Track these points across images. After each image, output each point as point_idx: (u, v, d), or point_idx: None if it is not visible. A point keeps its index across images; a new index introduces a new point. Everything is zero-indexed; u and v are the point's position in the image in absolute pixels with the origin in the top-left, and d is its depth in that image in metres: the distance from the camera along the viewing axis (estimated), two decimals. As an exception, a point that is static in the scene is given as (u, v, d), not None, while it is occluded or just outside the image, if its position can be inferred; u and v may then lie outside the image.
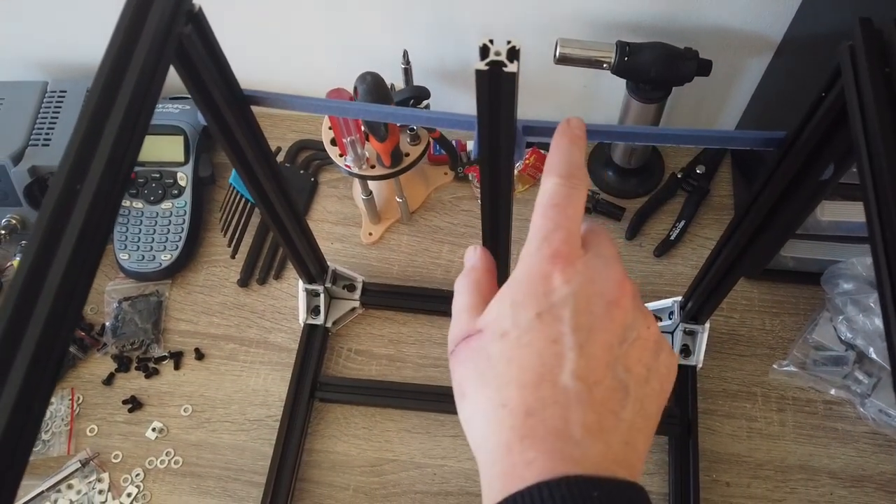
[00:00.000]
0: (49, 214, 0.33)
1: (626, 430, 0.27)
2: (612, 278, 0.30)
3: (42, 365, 0.30)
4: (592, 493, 0.24)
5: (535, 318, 0.28)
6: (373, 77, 0.67)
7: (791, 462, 0.73)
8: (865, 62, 0.36)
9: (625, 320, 0.29)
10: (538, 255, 0.30)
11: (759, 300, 0.81)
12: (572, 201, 0.31)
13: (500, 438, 0.27)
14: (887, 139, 0.34)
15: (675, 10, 0.74)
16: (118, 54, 0.39)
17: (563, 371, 0.27)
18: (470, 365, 0.30)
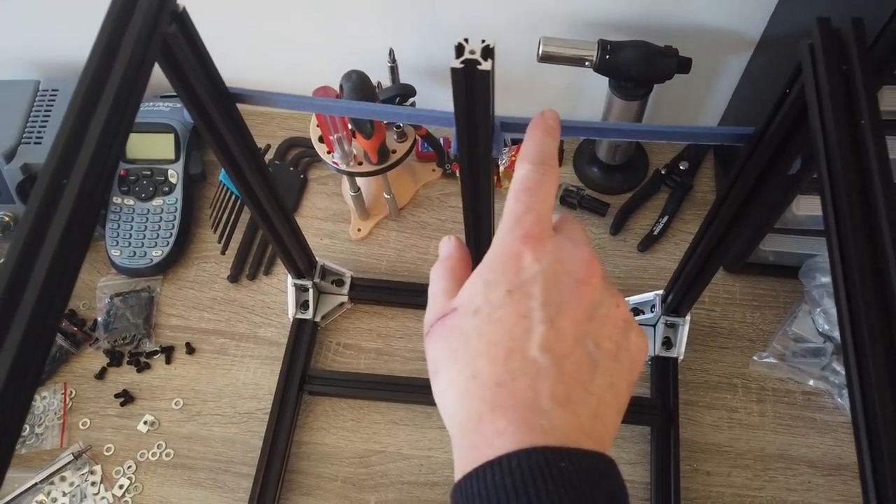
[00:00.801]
0: (36, 208, 0.35)
1: (594, 403, 0.28)
2: (581, 258, 0.31)
3: (29, 354, 0.31)
4: (560, 463, 0.25)
5: (506, 294, 0.29)
6: (358, 75, 0.68)
7: (770, 451, 0.74)
8: (823, 59, 0.38)
9: (593, 298, 0.30)
10: (510, 236, 0.31)
11: (740, 294, 0.83)
12: (543, 186, 0.32)
13: (471, 409, 0.28)
14: (842, 133, 0.36)
15: (655, 9, 0.75)
16: (103, 53, 0.40)
17: (532, 344, 0.28)
18: (444, 342, 0.31)
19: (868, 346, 0.31)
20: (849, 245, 0.33)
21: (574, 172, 0.91)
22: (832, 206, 0.35)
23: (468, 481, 0.26)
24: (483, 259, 0.32)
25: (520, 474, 0.25)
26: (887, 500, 0.28)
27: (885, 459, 0.29)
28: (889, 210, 0.33)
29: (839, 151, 0.35)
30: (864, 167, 0.35)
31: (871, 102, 0.36)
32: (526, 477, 0.24)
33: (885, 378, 0.30)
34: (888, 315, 0.31)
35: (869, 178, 0.34)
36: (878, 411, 0.29)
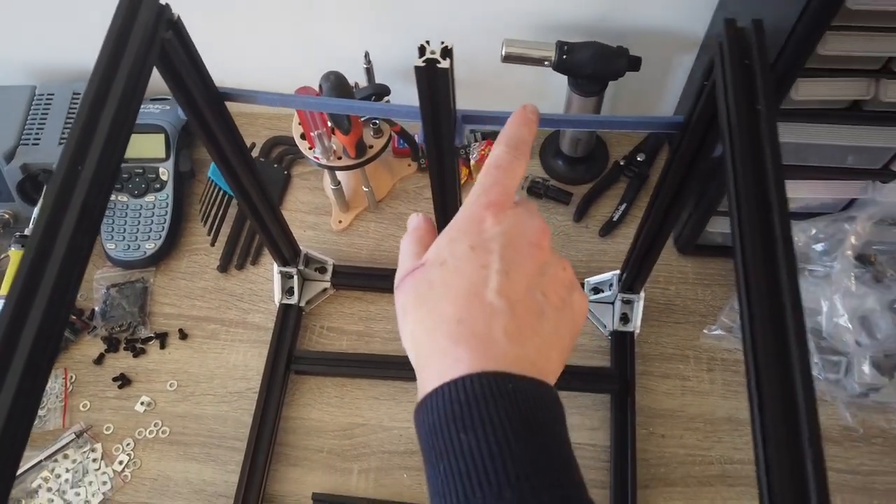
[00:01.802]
0: (56, 190, 0.40)
1: (540, 341, 0.33)
2: (536, 226, 0.36)
3: (45, 340, 0.37)
4: (508, 385, 0.30)
5: (469, 249, 0.34)
6: (336, 76, 0.75)
7: (719, 415, 0.81)
8: (728, 55, 0.45)
9: (543, 259, 0.35)
10: (476, 203, 0.36)
11: (692, 273, 0.90)
12: (512, 166, 0.37)
13: (435, 343, 0.32)
14: (741, 116, 0.42)
15: (609, 13, 0.82)
16: (110, 56, 0.46)
17: (489, 289, 0.32)
18: (412, 291, 0.35)
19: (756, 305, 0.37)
20: (743, 211, 0.40)
21: (540, 165, 0.98)
22: (732, 176, 0.42)
23: (430, 398, 0.31)
24: (450, 222, 0.36)
25: (472, 392, 0.29)
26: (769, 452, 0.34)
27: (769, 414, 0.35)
28: (776, 178, 0.40)
29: (738, 131, 0.42)
30: (758, 144, 0.41)
31: (766, 90, 0.43)
32: (478, 394, 0.29)
33: (769, 328, 0.36)
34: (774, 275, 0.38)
35: (761, 150, 0.41)
36: (762, 359, 0.36)
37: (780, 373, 0.35)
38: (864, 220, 0.73)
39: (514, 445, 0.28)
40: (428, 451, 0.30)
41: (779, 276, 0.37)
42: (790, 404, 0.34)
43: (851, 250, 0.73)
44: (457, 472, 0.28)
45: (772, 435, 0.34)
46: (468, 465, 0.28)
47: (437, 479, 0.29)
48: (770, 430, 0.34)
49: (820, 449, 0.33)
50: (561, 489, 0.28)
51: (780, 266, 0.37)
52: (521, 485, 0.27)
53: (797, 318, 0.36)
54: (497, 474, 0.27)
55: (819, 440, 0.33)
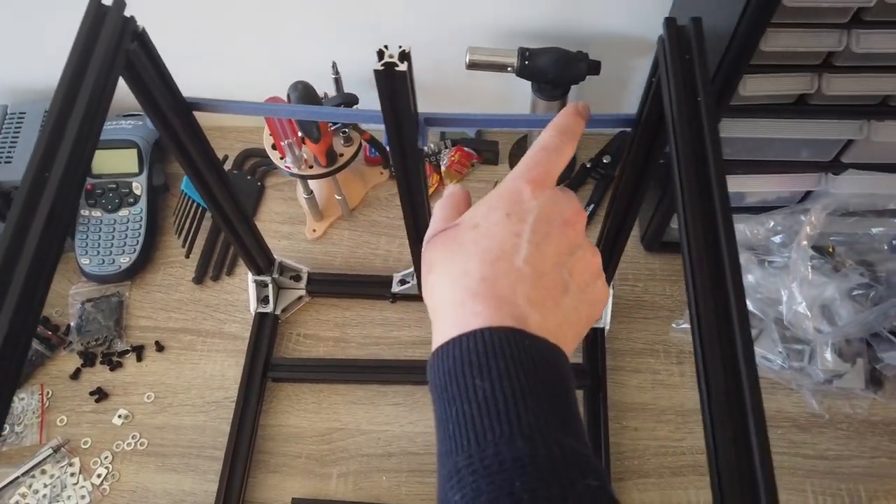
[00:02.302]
0: (22, 200, 0.42)
1: (561, 316, 0.33)
2: (572, 206, 0.36)
3: (11, 351, 0.38)
4: (525, 342, 0.30)
5: (504, 216, 0.35)
6: (304, 85, 0.76)
7: (689, 407, 0.83)
8: (669, 51, 0.47)
9: (576, 240, 0.36)
10: (518, 177, 0.36)
11: (659, 270, 0.92)
12: (559, 150, 0.38)
13: (455, 296, 0.33)
14: (681, 108, 0.45)
15: (568, 19, 0.84)
16: (75, 67, 0.47)
17: (518, 256, 0.33)
18: (441, 248, 0.35)
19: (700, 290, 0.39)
20: (687, 191, 0.42)
21: (510, 169, 1.00)
22: (677, 168, 0.44)
23: (446, 347, 0.31)
24: (490, 192, 0.37)
25: (490, 343, 0.30)
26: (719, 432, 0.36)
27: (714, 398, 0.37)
28: (716, 163, 0.42)
29: (679, 121, 0.44)
30: (699, 132, 0.44)
31: (705, 83, 0.45)
32: (495, 345, 0.30)
33: (713, 317, 0.38)
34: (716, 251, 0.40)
35: (702, 139, 0.43)
36: (707, 342, 0.38)
37: (725, 353, 0.37)
38: (818, 212, 0.75)
39: (529, 398, 0.29)
40: (440, 397, 0.30)
41: (722, 256, 0.39)
42: (735, 388, 0.36)
43: (807, 240, 0.75)
44: (469, 417, 0.29)
45: (719, 419, 0.36)
46: (482, 410, 0.28)
47: (447, 422, 0.29)
48: (716, 408, 0.36)
49: (764, 429, 0.34)
50: (571, 445, 0.28)
51: (723, 246, 0.39)
52: (534, 435, 0.28)
53: (739, 300, 0.38)
54: (510, 423, 0.28)
55: (762, 418, 0.35)
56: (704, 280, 0.39)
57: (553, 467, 0.27)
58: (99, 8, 0.50)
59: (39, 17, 0.88)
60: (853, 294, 0.80)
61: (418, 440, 0.82)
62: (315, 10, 0.86)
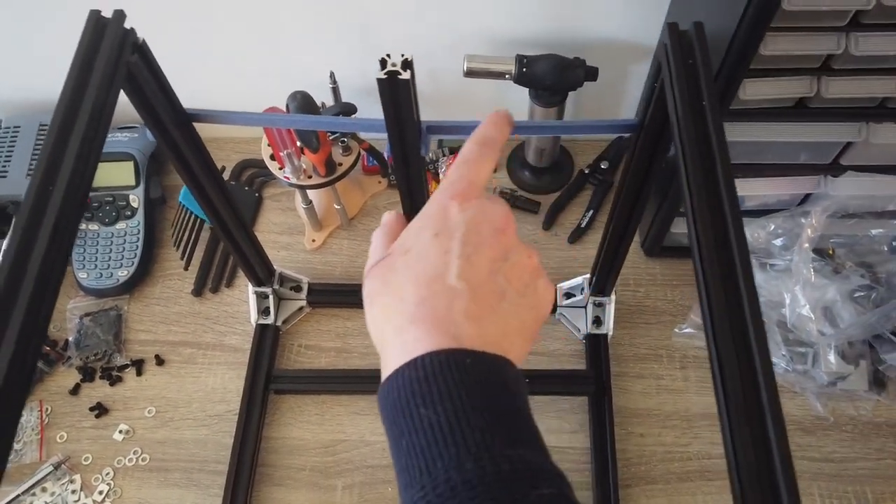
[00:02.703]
0: (28, 210, 0.41)
1: (502, 324, 0.33)
2: (500, 213, 0.36)
3: (21, 362, 0.38)
4: (466, 360, 0.30)
5: (433, 237, 0.35)
6: (302, 95, 0.76)
7: (695, 411, 0.83)
8: (673, 56, 0.47)
9: (508, 245, 0.35)
10: (442, 195, 0.36)
11: (660, 275, 0.92)
12: (479, 162, 0.38)
13: (395, 324, 0.33)
14: (686, 112, 0.45)
15: (565, 25, 0.85)
16: (77, 80, 0.47)
17: (450, 273, 0.33)
18: (377, 278, 0.36)
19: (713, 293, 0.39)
20: (695, 197, 0.42)
21: (507, 176, 1.00)
22: (684, 172, 0.44)
23: (390, 380, 0.31)
24: (418, 214, 0.37)
25: (430, 369, 0.30)
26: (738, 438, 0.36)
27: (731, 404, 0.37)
28: (724, 166, 0.42)
29: (685, 125, 0.44)
30: (706, 135, 0.44)
31: (709, 87, 0.45)
32: (436, 370, 0.30)
33: (727, 320, 0.38)
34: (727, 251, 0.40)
35: (709, 143, 0.43)
36: (723, 354, 0.38)
37: (742, 360, 0.37)
38: (818, 214, 0.75)
39: (472, 416, 0.29)
40: (391, 430, 0.31)
41: (733, 259, 0.39)
42: (753, 390, 0.36)
43: (808, 242, 0.75)
44: (418, 447, 0.29)
45: (737, 422, 0.36)
46: (428, 438, 0.29)
47: (400, 456, 0.30)
48: (735, 416, 0.36)
49: (783, 430, 0.34)
50: (522, 456, 0.28)
51: (734, 248, 0.39)
52: (481, 454, 0.28)
53: (752, 301, 0.37)
54: (457, 445, 0.28)
55: (782, 422, 0.35)
56: (717, 284, 0.39)
57: (502, 483, 0.27)
58: (99, 20, 0.50)
59: (33, 30, 0.88)
60: (854, 296, 0.80)
61: (422, 450, 0.81)
62: (311, 19, 0.86)
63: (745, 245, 0.39)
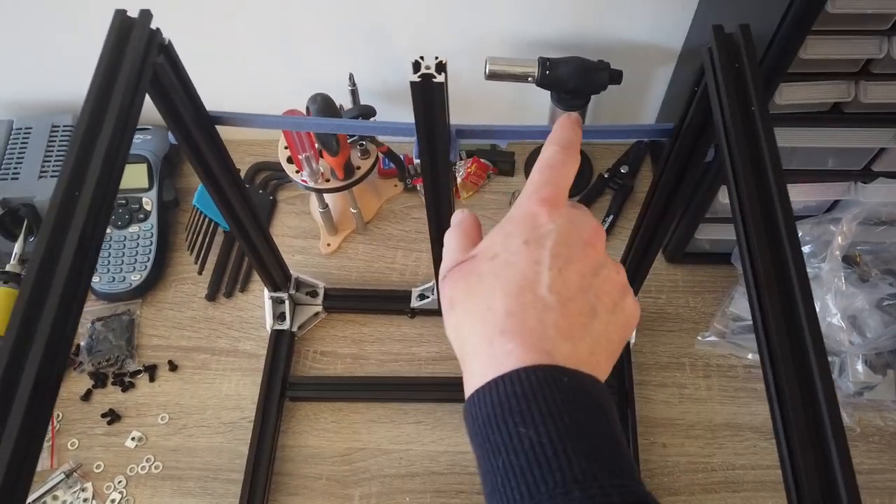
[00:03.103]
0: (54, 216, 0.40)
1: (591, 342, 0.32)
2: (590, 224, 0.35)
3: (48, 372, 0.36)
4: (563, 378, 0.29)
5: (523, 244, 0.33)
6: (323, 97, 0.75)
7: (718, 421, 0.81)
8: (719, 59, 0.46)
9: (598, 259, 0.34)
10: (529, 200, 0.35)
11: (682, 281, 0.91)
12: (565, 165, 0.36)
13: (483, 334, 0.31)
14: (736, 117, 0.43)
15: (589, 28, 0.83)
16: (103, 80, 0.45)
17: (541, 285, 0.32)
18: (461, 282, 0.34)
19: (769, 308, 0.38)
20: (746, 205, 0.40)
21: (525, 179, 0.99)
22: (732, 177, 0.42)
23: (481, 393, 0.30)
24: (503, 219, 0.36)
25: (528, 385, 0.28)
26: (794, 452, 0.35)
27: (790, 416, 0.36)
28: (776, 174, 0.40)
29: (734, 133, 0.42)
30: (756, 143, 0.42)
31: (758, 91, 0.44)
32: (534, 387, 0.28)
33: (785, 338, 0.37)
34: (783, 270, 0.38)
35: (760, 151, 0.41)
36: (782, 370, 0.36)
37: (800, 381, 0.36)
38: (849, 221, 0.74)
39: (577, 441, 0.27)
40: (482, 446, 0.29)
41: (788, 274, 0.38)
42: (812, 411, 0.35)
43: (839, 250, 0.74)
44: (518, 469, 0.27)
45: (796, 441, 0.34)
46: (529, 460, 0.27)
47: (494, 475, 0.28)
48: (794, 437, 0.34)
49: (846, 447, 0.33)
50: (628, 487, 0.27)
51: (790, 265, 0.38)
52: (588, 482, 0.26)
53: (811, 319, 0.36)
54: (563, 471, 0.26)
55: (844, 441, 0.33)
56: (773, 297, 0.37)
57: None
58: (124, 20, 0.48)
59: (44, 31, 0.86)
60: (883, 304, 0.79)
61: (441, 459, 0.80)
62: (329, 21, 0.84)
63: (800, 256, 0.38)
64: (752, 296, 0.39)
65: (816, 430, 0.35)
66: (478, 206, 0.97)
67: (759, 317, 0.38)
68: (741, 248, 0.41)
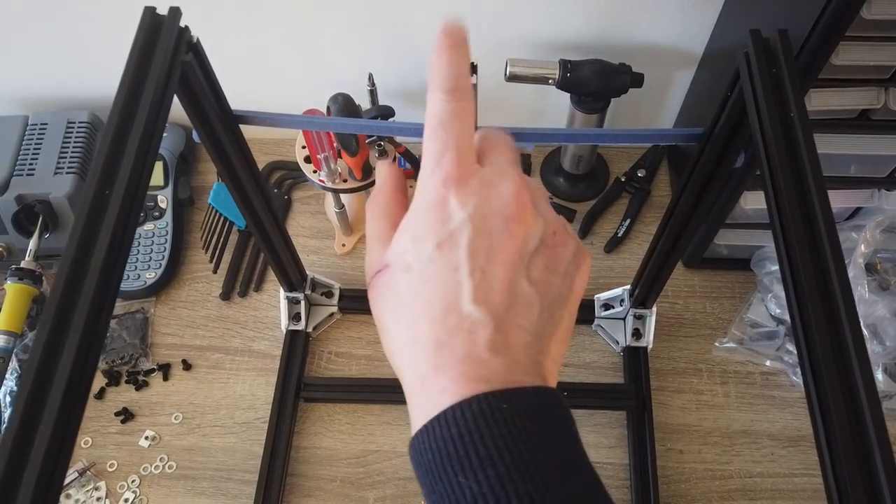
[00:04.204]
0: (85, 215, 0.39)
1: (534, 341, 0.28)
2: (508, 190, 0.29)
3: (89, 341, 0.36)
4: (502, 406, 0.26)
5: (436, 248, 0.29)
6: (344, 97, 0.74)
7: (735, 428, 0.81)
8: (756, 64, 0.45)
9: (525, 232, 0.29)
10: (432, 181, 0.29)
11: (699, 287, 0.90)
12: (458, 116, 0.30)
13: (416, 372, 0.28)
14: (775, 124, 0.43)
15: (610, 30, 0.83)
16: (133, 79, 0.45)
17: (464, 298, 0.28)
18: (383, 301, 0.30)
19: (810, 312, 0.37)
20: (786, 213, 0.40)
21: (542, 183, 0.98)
22: (771, 185, 0.42)
23: (419, 437, 0.27)
24: (410, 207, 0.31)
25: (464, 423, 0.26)
26: (840, 465, 0.34)
27: (834, 425, 0.34)
28: (817, 183, 0.40)
29: (773, 139, 0.42)
30: (795, 150, 0.42)
31: (797, 98, 0.43)
32: (470, 424, 0.25)
33: (829, 349, 0.36)
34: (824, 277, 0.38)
35: (800, 159, 0.41)
36: (825, 380, 0.35)
37: (844, 389, 0.35)
38: (872, 229, 0.73)
39: (522, 483, 0.24)
40: (429, 497, 0.27)
41: (830, 280, 0.37)
42: (856, 419, 0.34)
43: (862, 258, 0.74)
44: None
45: (840, 450, 0.34)
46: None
47: None
48: (838, 446, 0.34)
49: (891, 457, 0.32)
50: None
51: (831, 272, 0.37)
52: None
53: (855, 333, 0.35)
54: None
55: (890, 450, 0.33)
56: (815, 305, 0.37)
57: None
58: (154, 17, 0.48)
59: (60, 27, 0.86)
60: (903, 313, 0.78)
61: (457, 463, 0.79)
62: (347, 21, 0.84)
63: (843, 267, 0.37)
64: (792, 303, 0.38)
65: (860, 438, 0.34)
66: (493, 208, 0.97)
67: (801, 325, 0.37)
68: (780, 255, 0.40)
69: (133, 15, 0.47)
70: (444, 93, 0.30)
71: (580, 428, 0.29)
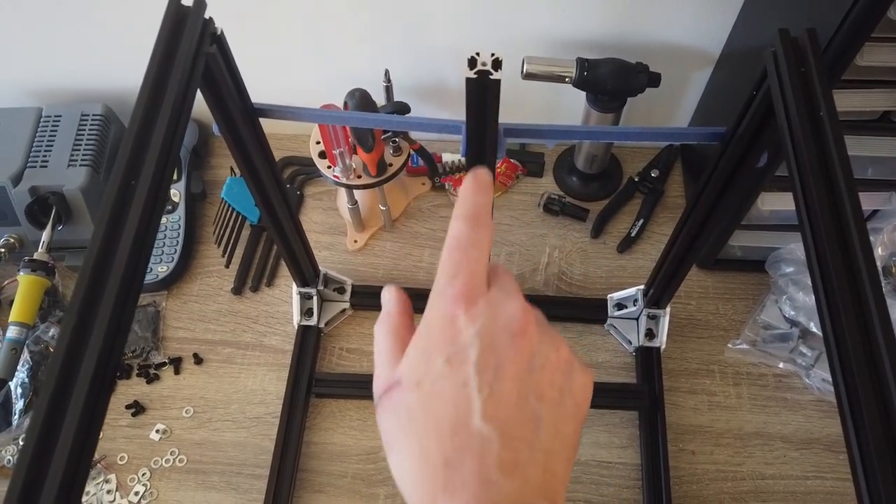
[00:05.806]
0: (111, 206, 0.39)
1: (542, 459, 0.29)
2: (514, 309, 0.31)
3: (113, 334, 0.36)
4: None
5: (445, 363, 0.30)
6: (361, 92, 0.74)
7: (748, 430, 0.81)
8: (785, 63, 0.45)
9: (531, 348, 0.31)
10: (443, 299, 0.31)
11: (713, 288, 0.90)
12: (475, 243, 0.32)
13: (424, 491, 0.28)
14: (804, 123, 0.42)
15: (627, 29, 0.82)
16: (158, 71, 0.45)
17: (474, 415, 0.28)
18: (392, 418, 0.31)
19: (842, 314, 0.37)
20: (816, 215, 0.40)
21: (555, 182, 0.98)
22: (800, 186, 0.41)
23: None
24: (420, 323, 0.32)
25: None
26: (872, 469, 0.33)
27: (867, 429, 0.34)
28: (848, 184, 0.40)
29: (803, 139, 0.42)
30: (825, 150, 0.41)
31: (826, 97, 0.43)
32: None
33: (861, 352, 0.36)
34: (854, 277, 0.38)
35: (829, 158, 0.41)
36: (858, 384, 0.35)
37: (876, 392, 0.35)
38: (890, 231, 0.73)
39: None
40: None
41: (861, 282, 0.37)
42: (888, 423, 0.34)
43: (880, 261, 0.73)
44: None
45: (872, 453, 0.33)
46: None
47: None
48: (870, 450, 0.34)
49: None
50: None
51: (863, 274, 0.37)
52: None
53: (888, 336, 0.35)
54: None
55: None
56: (847, 308, 0.37)
57: None
58: (178, 9, 0.47)
59: (73, 20, 0.85)
60: (918, 316, 0.78)
61: (468, 461, 0.79)
62: (366, 16, 0.84)
63: (874, 267, 0.37)
64: (822, 305, 0.38)
65: (892, 442, 0.34)
66: (506, 206, 0.97)
67: (831, 327, 0.37)
68: (809, 256, 0.40)
69: (144, 8, 0.47)
70: (464, 220, 0.33)
71: (592, 427, 0.30)
